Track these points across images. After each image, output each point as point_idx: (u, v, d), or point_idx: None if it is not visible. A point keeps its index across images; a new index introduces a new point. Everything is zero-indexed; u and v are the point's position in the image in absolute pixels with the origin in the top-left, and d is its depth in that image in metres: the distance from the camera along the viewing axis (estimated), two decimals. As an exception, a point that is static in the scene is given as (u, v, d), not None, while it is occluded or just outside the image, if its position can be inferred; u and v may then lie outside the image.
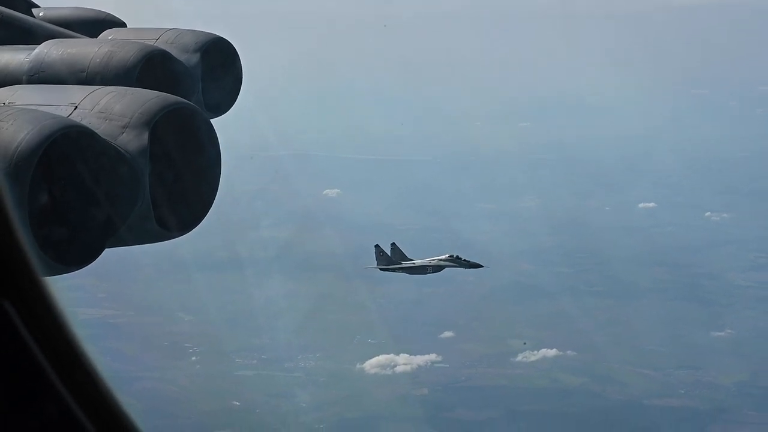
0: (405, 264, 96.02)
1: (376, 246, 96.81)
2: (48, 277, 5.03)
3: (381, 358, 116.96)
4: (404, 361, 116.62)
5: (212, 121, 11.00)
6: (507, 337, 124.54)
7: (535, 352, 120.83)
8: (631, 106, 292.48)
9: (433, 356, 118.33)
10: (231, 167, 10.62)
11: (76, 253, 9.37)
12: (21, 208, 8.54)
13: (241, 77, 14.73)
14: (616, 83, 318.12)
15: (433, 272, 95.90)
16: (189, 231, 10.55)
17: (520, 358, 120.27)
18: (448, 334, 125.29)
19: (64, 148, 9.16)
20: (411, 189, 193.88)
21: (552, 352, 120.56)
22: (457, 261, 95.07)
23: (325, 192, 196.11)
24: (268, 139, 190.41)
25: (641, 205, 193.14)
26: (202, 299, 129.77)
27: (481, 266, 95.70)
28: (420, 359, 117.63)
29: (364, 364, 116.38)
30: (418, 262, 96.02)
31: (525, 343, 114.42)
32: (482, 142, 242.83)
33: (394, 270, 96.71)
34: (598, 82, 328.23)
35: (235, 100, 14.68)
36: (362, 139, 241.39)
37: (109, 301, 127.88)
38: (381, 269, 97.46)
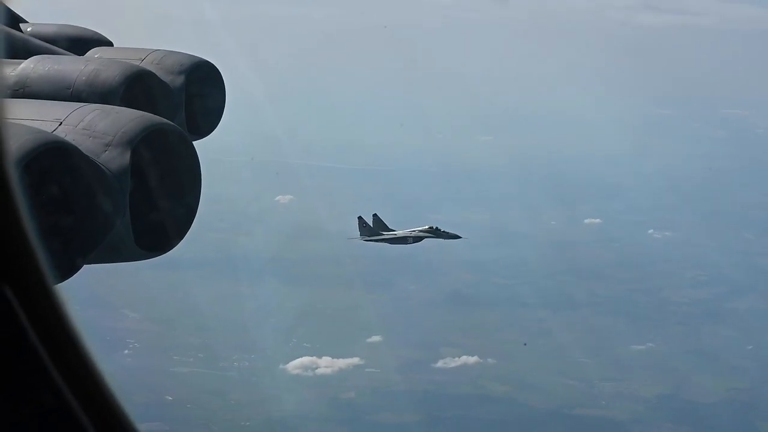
0: (387, 235, 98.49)
1: (359, 217, 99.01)
2: None
3: (304, 360, 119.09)
4: (326, 364, 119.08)
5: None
6: (438, 345, 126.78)
7: (456, 359, 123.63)
8: (593, 123, 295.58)
9: (356, 360, 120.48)
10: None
11: (53, 269, 9.96)
12: None
13: (225, 100, 14.87)
14: (579, 100, 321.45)
15: (413, 242, 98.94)
16: (167, 251, 10.60)
17: (440, 364, 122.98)
18: (375, 338, 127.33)
19: (47, 163, 9.01)
20: (364, 198, 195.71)
21: (473, 360, 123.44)
22: (435, 232, 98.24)
23: (277, 198, 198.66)
24: (231, 144, 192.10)
25: (587, 220, 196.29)
26: (148, 297, 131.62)
27: (459, 237, 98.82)
28: (342, 362, 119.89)
29: (287, 365, 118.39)
30: (399, 232, 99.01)
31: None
32: (442, 153, 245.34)
33: (376, 240, 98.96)
34: (562, 97, 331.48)
35: (218, 123, 14.83)
36: (323, 147, 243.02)
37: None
38: (364, 240, 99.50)
